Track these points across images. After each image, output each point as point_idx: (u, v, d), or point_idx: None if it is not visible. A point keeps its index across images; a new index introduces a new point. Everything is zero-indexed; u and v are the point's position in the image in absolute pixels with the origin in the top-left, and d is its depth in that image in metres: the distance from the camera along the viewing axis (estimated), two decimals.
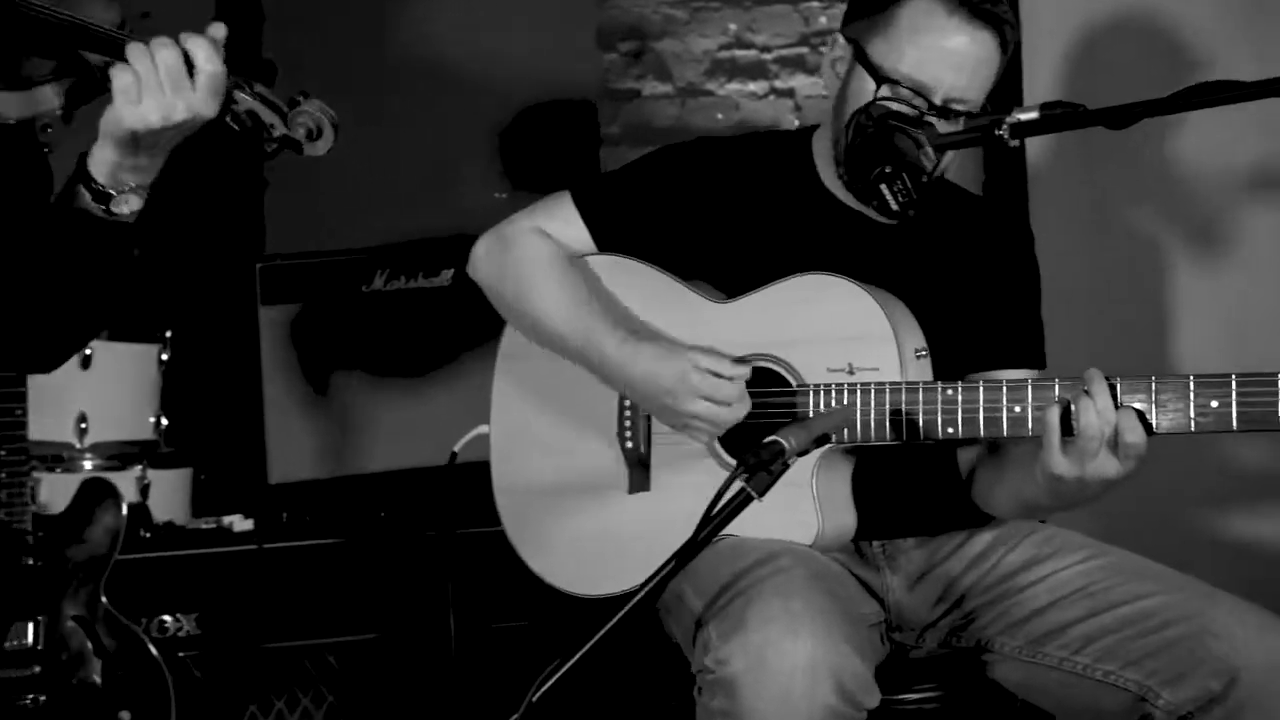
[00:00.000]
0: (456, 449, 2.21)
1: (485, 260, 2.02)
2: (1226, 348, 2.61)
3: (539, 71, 3.54)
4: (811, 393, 1.80)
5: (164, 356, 3.04)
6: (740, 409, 1.81)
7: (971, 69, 1.80)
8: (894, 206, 1.77)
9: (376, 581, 2.73)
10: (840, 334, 1.79)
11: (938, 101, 1.80)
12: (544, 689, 1.36)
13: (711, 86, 3.65)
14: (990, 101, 1.82)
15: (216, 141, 1.45)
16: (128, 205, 1.43)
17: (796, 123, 3.63)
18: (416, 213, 3.35)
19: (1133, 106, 1.57)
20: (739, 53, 3.65)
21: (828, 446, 1.74)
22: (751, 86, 3.65)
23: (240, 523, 2.79)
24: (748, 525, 1.73)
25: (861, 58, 1.84)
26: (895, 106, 1.79)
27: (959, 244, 1.94)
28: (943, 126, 1.78)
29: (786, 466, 1.44)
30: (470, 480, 2.17)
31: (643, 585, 1.40)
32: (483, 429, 2.09)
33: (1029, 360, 1.93)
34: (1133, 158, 2.67)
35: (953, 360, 1.85)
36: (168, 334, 3.04)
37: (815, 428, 1.51)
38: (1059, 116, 1.61)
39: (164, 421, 3.03)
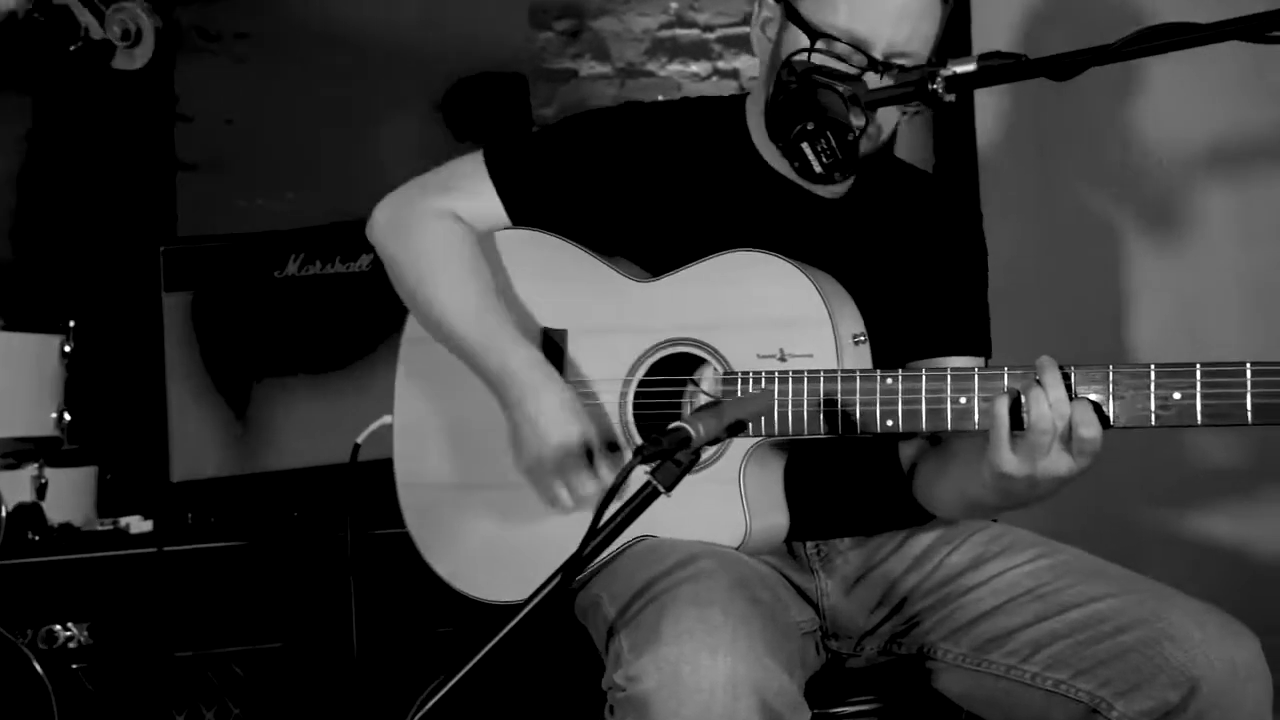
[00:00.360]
0: (359, 440, 2.04)
1: (388, 231, 1.85)
2: (1183, 331, 2.51)
3: (468, 45, 3.36)
4: (739, 381, 1.65)
5: (67, 348, 2.84)
6: (586, 506, 1.67)
7: (914, 19, 1.66)
8: (817, 168, 1.62)
9: (284, 586, 2.55)
10: (772, 317, 1.64)
11: (878, 56, 1.66)
12: (424, 710, 1.19)
13: (652, 67, 3.50)
14: (937, 57, 1.68)
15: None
16: None
17: None
18: (340, 192, 3.16)
19: (1077, 55, 1.42)
20: (680, 32, 3.50)
21: (755, 440, 1.60)
22: (694, 67, 3.50)
23: (139, 524, 2.60)
24: (668, 525, 1.62)
25: (792, 15, 1.70)
26: (824, 61, 1.65)
27: (903, 222, 1.80)
28: (873, 81, 1.63)
29: (696, 457, 1.29)
30: (378, 477, 2.00)
31: (526, 601, 1.24)
32: (387, 419, 1.94)
33: (973, 347, 1.79)
34: (1086, 136, 2.56)
35: (893, 346, 1.71)
36: (71, 324, 2.84)
37: (728, 414, 1.35)
38: (998, 68, 1.47)
39: (67, 417, 2.83)
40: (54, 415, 2.81)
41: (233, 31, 3.31)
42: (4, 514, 2.26)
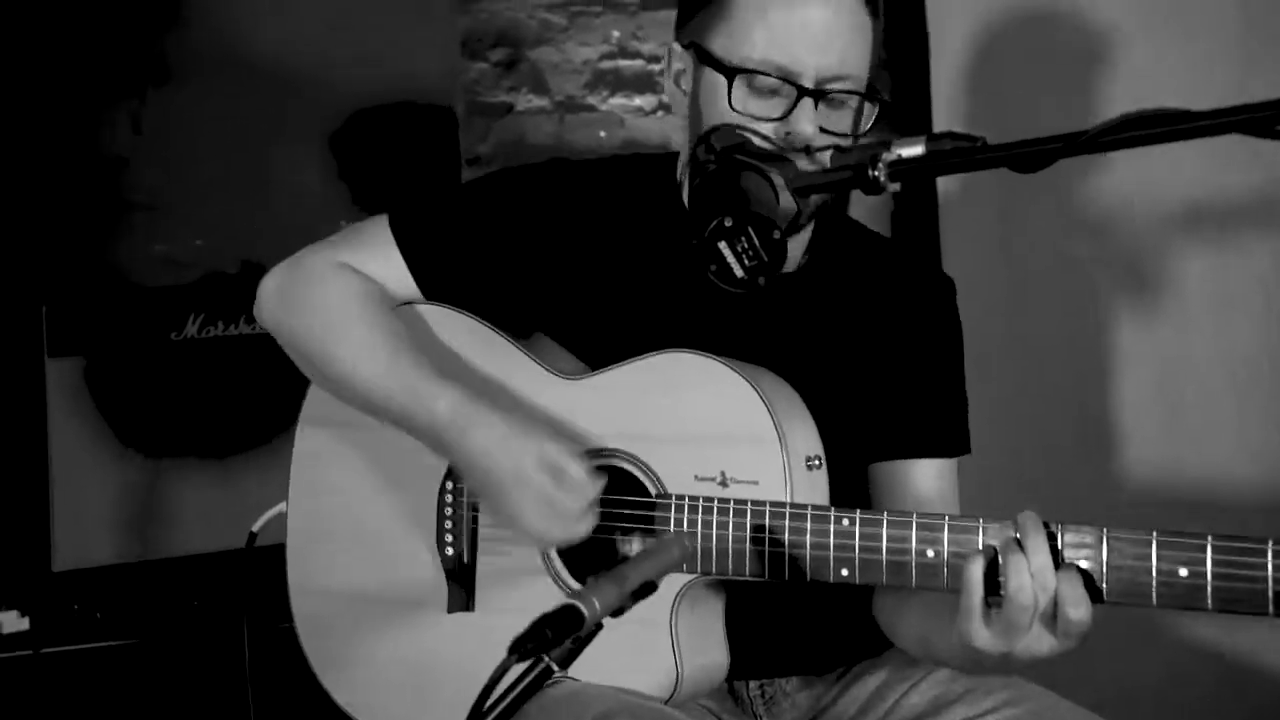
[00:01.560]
0: (255, 529, 1.82)
1: (276, 299, 1.62)
2: (1161, 400, 2.32)
3: (394, 77, 3.11)
4: (673, 506, 1.43)
5: None
6: (582, 527, 1.43)
7: (843, 40, 1.44)
8: (738, 273, 1.36)
9: (178, 689, 2.30)
10: (714, 432, 1.42)
11: (809, 85, 1.43)
12: None
13: (593, 100, 3.27)
14: (894, 79, 1.46)
15: None
16: None
17: None
18: (244, 237, 2.91)
19: (1046, 144, 1.20)
20: (623, 63, 3.27)
21: (689, 578, 1.38)
22: (638, 101, 3.27)
23: (14, 621, 2.34)
24: (589, 667, 1.35)
25: (705, 58, 1.47)
26: (746, 119, 1.42)
27: (863, 298, 1.58)
28: (803, 164, 1.40)
29: (593, 635, 1.07)
30: (282, 563, 1.78)
31: None
32: (282, 507, 1.73)
33: (948, 446, 1.58)
34: (1055, 186, 2.36)
35: (850, 446, 1.49)
36: None
37: (633, 576, 1.13)
38: (951, 155, 1.24)
39: None
40: None
41: (130, 60, 3.03)
42: None
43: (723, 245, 1.34)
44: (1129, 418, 2.36)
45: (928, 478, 1.55)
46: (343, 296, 1.57)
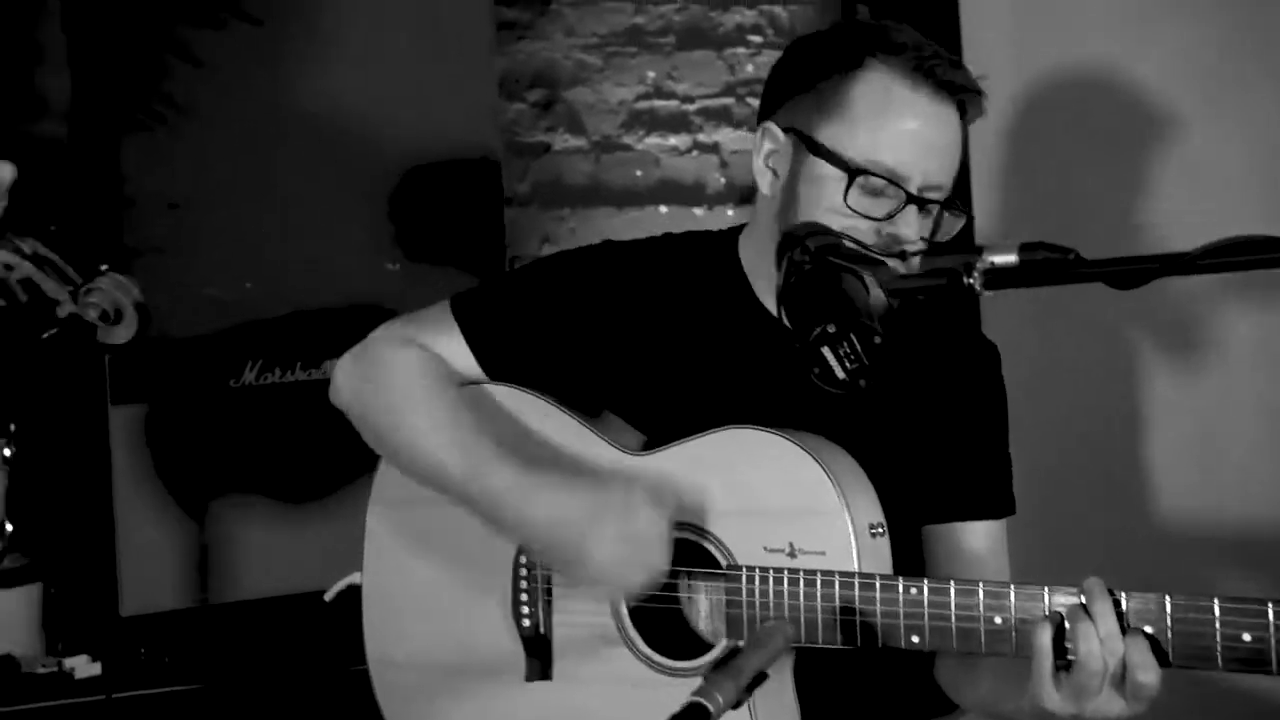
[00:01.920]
0: (328, 598, 1.89)
1: (347, 380, 1.69)
2: (1198, 455, 2.36)
3: (434, 122, 3.17)
4: (744, 577, 1.49)
5: (7, 451, 2.65)
6: (659, 560, 1.47)
7: (947, 153, 1.53)
8: (840, 375, 1.41)
9: None
10: (781, 505, 1.49)
11: (914, 190, 1.51)
12: None
13: (629, 140, 3.34)
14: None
15: None
16: None
17: (723, 180, 3.33)
18: (298, 282, 2.98)
19: (1144, 263, 1.26)
20: (659, 103, 3.34)
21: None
22: (673, 140, 3.34)
23: (85, 666, 2.41)
24: None
25: (814, 148, 1.54)
26: (842, 233, 1.48)
27: (909, 365, 1.64)
28: (894, 263, 1.47)
29: None
30: (353, 606, 1.85)
31: None
32: (354, 578, 1.79)
33: (997, 508, 1.64)
34: (1094, 241, 2.41)
35: (904, 510, 1.56)
36: (11, 426, 2.64)
37: (747, 668, 1.20)
38: (1043, 266, 1.30)
39: (9, 527, 2.64)
40: None
41: (175, 106, 3.11)
42: None
43: (826, 350, 1.39)
44: (1167, 468, 2.39)
45: (978, 538, 1.62)
46: (407, 372, 1.64)
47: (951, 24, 2.80)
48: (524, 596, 1.63)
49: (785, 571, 1.47)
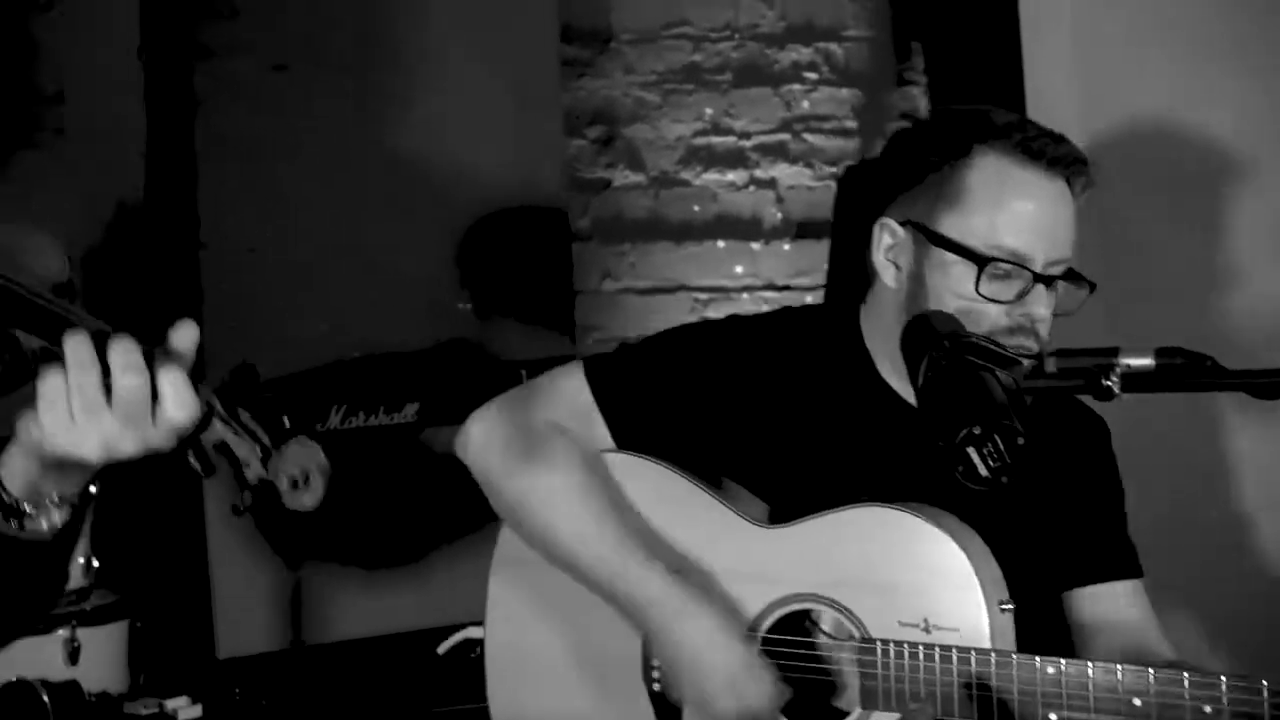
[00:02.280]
0: (441, 651, 1.96)
1: (481, 443, 1.74)
2: None
3: (502, 165, 3.24)
4: (880, 649, 1.56)
5: (93, 488, 2.70)
6: None
7: (1065, 228, 1.61)
8: (983, 472, 1.43)
9: None
10: (914, 581, 1.56)
11: (1039, 269, 1.59)
12: None
13: (687, 175, 3.39)
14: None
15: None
16: (47, 520, 1.13)
17: (779, 215, 3.39)
18: (375, 322, 3.04)
19: None
20: (715, 139, 3.39)
21: None
22: (730, 176, 3.40)
23: (187, 709, 2.47)
24: None
25: (936, 240, 1.60)
26: (975, 333, 1.52)
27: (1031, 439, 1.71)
28: (1026, 357, 1.53)
29: None
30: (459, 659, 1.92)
31: None
32: (471, 632, 1.86)
33: (1128, 568, 1.72)
34: (1179, 298, 2.45)
35: (1029, 584, 1.62)
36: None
37: None
38: (1180, 370, 1.37)
39: (95, 563, 2.69)
40: (80, 560, 2.67)
41: (250, 152, 3.16)
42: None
43: (970, 450, 1.43)
44: (1260, 520, 2.43)
45: (1120, 600, 1.70)
46: (549, 449, 1.69)
47: (1015, 73, 2.85)
48: (655, 660, 1.70)
49: (921, 646, 1.54)
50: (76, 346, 1.05)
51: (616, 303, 3.34)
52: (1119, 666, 1.45)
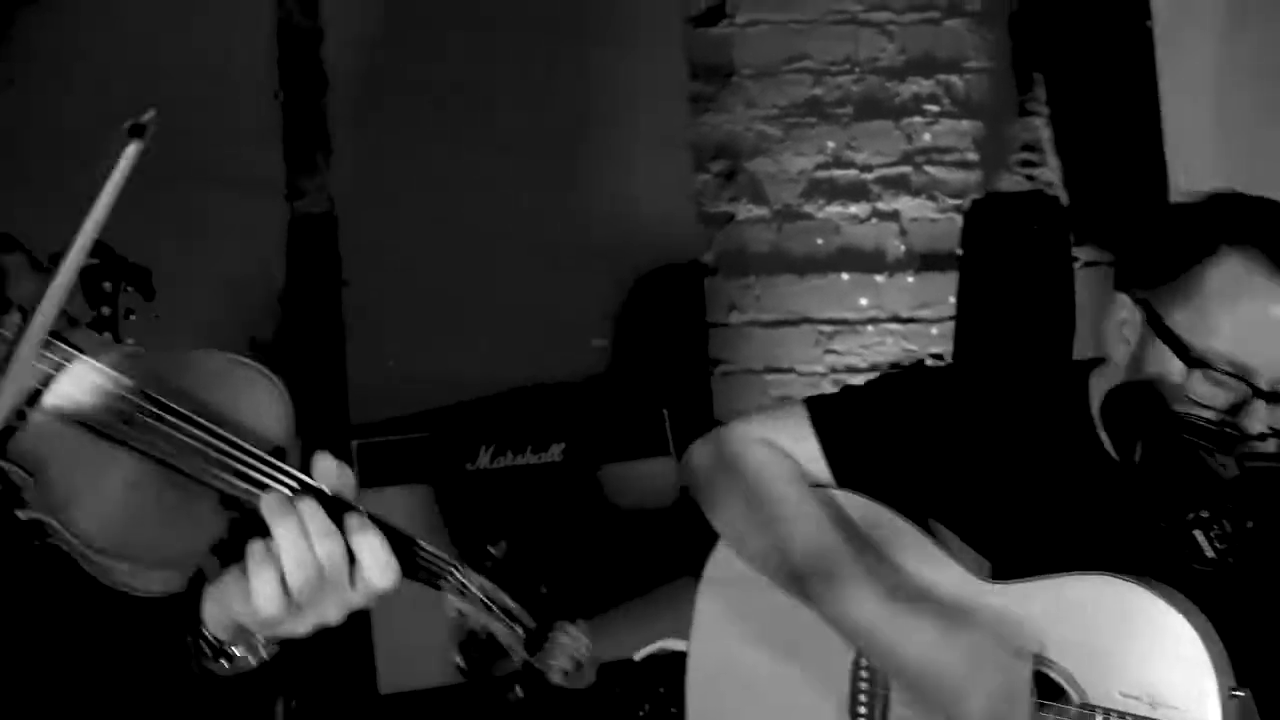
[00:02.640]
0: (637, 658, 2.02)
1: (703, 470, 1.78)
2: None
3: (630, 198, 3.26)
4: (1099, 714, 1.59)
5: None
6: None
7: None
8: (1209, 554, 1.47)
9: None
10: (1141, 654, 1.57)
11: (1264, 386, 1.53)
12: None
13: (809, 209, 3.42)
14: None
15: None
16: (254, 656, 1.15)
17: (902, 248, 3.41)
18: (508, 357, 3.08)
19: None
20: (837, 172, 3.42)
21: None
22: (853, 209, 3.42)
23: None
24: None
25: (1159, 328, 1.58)
26: (1199, 414, 1.53)
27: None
28: (1258, 443, 1.54)
29: None
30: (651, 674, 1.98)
31: None
32: (668, 643, 1.93)
33: None
34: None
35: (1250, 665, 1.61)
36: None
37: None
38: None
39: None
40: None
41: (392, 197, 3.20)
42: None
43: (1196, 533, 1.46)
44: None
45: None
46: (771, 471, 1.72)
47: (1151, 105, 2.86)
48: (863, 698, 1.72)
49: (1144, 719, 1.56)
50: (286, 536, 1.04)
51: (742, 335, 3.38)
52: None
